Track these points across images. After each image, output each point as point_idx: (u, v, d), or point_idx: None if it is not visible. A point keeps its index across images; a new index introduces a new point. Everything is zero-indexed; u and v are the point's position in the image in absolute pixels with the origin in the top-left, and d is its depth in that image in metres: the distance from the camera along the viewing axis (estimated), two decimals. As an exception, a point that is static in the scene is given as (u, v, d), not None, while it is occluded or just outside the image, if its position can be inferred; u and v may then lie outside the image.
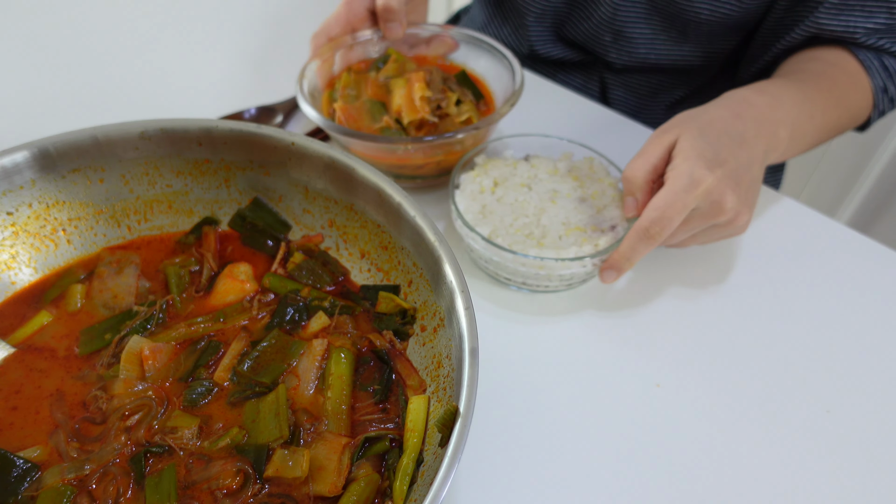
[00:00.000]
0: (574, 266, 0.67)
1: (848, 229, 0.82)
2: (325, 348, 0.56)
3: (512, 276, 0.71)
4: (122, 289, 0.61)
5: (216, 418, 0.52)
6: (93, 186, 0.62)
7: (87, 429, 0.51)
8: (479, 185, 0.74)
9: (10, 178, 0.58)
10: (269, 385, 0.54)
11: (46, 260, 0.62)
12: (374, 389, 0.55)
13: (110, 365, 0.55)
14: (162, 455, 0.50)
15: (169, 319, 0.59)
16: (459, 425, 0.43)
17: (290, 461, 0.48)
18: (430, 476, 0.43)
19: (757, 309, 0.72)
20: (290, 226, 0.66)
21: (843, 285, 0.75)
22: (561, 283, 0.71)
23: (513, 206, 0.73)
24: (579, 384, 0.65)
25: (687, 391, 0.65)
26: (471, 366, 0.45)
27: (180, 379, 0.55)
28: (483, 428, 0.61)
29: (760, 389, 0.65)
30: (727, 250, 0.79)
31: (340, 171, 0.60)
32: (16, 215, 0.59)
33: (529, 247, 0.68)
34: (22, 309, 0.59)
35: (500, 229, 0.70)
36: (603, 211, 0.72)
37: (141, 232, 0.65)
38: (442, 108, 0.81)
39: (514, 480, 0.57)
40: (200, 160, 0.63)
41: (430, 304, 0.55)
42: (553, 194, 0.74)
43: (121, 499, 0.48)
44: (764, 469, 0.59)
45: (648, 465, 0.59)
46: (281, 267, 0.63)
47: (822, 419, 0.63)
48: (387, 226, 0.59)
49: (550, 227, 0.71)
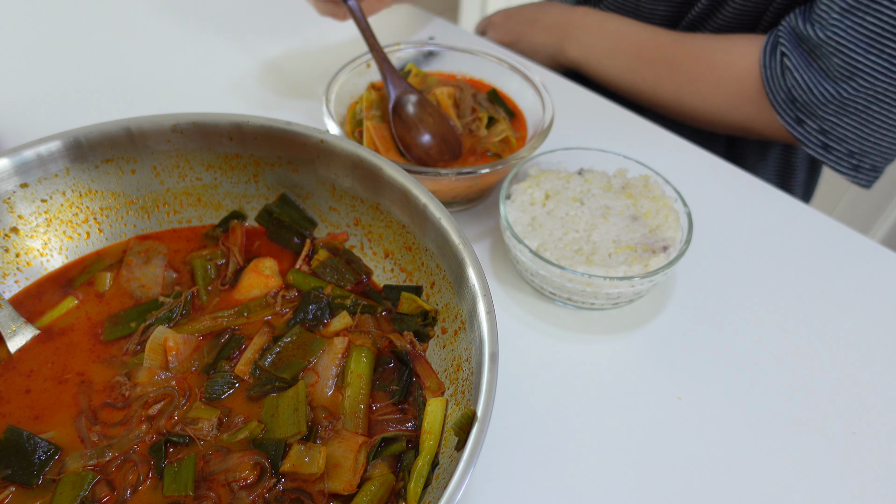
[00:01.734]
0: (622, 286, 0.65)
1: (881, 247, 0.80)
2: (345, 347, 0.56)
3: (557, 291, 0.70)
4: (149, 278, 0.62)
5: (236, 411, 0.53)
6: (125, 177, 0.63)
7: (109, 414, 0.52)
8: (531, 197, 0.73)
9: (45, 165, 0.59)
10: (289, 381, 0.54)
11: (77, 248, 0.63)
12: (392, 390, 0.55)
13: (135, 353, 0.56)
14: (182, 445, 0.50)
15: (193, 311, 0.60)
16: (476, 429, 0.42)
17: (306, 457, 0.48)
18: (444, 479, 0.43)
19: (783, 325, 0.71)
20: (316, 223, 0.66)
21: (873, 304, 0.74)
22: (607, 302, 0.70)
23: (563, 220, 0.71)
24: (600, 394, 0.64)
25: (709, 405, 0.64)
26: (490, 370, 0.45)
27: (202, 371, 0.55)
28: (501, 433, 0.60)
29: (784, 406, 0.64)
30: (755, 264, 0.77)
31: (368, 171, 0.60)
32: (49, 202, 0.61)
33: (578, 263, 0.67)
34: (51, 294, 0.60)
35: (549, 243, 0.69)
36: (656, 231, 0.71)
37: (170, 224, 0.66)
38: (473, 130, 0.80)
39: (529, 488, 0.57)
40: (230, 154, 0.64)
41: (452, 306, 0.55)
42: (605, 210, 0.72)
43: (140, 486, 0.48)
44: (785, 485, 0.58)
45: (667, 478, 0.58)
46: (305, 264, 0.63)
47: (848, 440, 0.62)
48: (412, 226, 0.59)
49: (601, 244, 0.69)
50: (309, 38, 1.10)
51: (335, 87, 0.80)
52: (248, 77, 1.00)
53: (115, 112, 0.65)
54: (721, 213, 0.83)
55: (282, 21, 1.13)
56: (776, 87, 0.85)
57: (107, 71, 1.00)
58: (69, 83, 0.97)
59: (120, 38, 1.07)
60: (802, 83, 0.82)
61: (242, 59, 1.04)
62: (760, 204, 0.85)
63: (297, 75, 1.01)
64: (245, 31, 1.10)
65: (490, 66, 0.88)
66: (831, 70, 0.80)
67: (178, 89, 0.98)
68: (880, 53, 0.76)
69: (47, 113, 0.92)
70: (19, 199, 0.59)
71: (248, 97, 0.96)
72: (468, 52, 0.89)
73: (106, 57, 1.02)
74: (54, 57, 1.02)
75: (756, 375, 0.66)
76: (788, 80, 0.84)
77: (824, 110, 0.82)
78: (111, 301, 0.60)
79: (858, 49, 0.77)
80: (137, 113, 0.62)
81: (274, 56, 1.05)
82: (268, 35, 1.09)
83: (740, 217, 0.83)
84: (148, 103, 0.95)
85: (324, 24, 1.10)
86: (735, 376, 0.66)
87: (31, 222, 0.60)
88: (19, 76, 0.98)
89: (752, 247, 0.79)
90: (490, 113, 0.82)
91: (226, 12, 1.14)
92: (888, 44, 0.76)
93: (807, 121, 0.84)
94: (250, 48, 1.06)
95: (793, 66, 0.83)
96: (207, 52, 1.05)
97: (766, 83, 0.86)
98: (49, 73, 0.99)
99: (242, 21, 1.13)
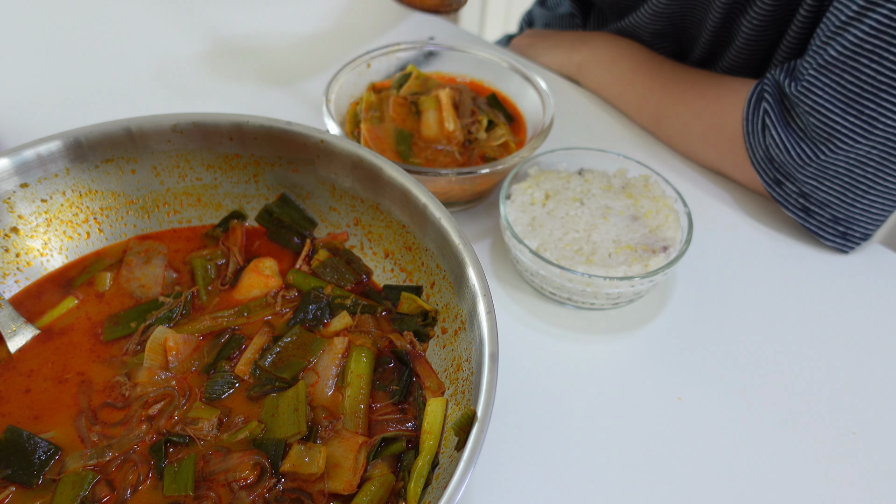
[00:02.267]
0: (622, 286, 0.65)
1: (881, 247, 0.80)
2: (345, 347, 0.56)
3: (557, 291, 0.70)
4: (149, 278, 0.62)
5: (236, 411, 0.53)
6: (125, 177, 0.63)
7: (109, 414, 0.52)
8: (531, 197, 0.73)
9: (45, 165, 0.59)
10: (289, 381, 0.54)
11: (77, 248, 0.63)
12: (392, 390, 0.55)
13: (135, 353, 0.56)
14: (182, 445, 0.50)
15: (194, 311, 0.60)
16: (476, 429, 0.42)
17: (306, 457, 0.48)
18: (444, 479, 0.43)
19: (783, 324, 0.71)
20: (316, 223, 0.66)
21: (873, 304, 0.74)
22: (607, 302, 0.70)
23: (563, 220, 0.71)
24: (600, 394, 0.64)
25: (709, 405, 0.64)
26: (490, 370, 0.45)
27: (202, 371, 0.55)
28: (501, 433, 0.60)
29: (784, 406, 0.64)
30: (756, 264, 0.77)
31: (368, 171, 0.60)
32: (49, 202, 0.60)
33: (578, 263, 0.67)
34: (51, 294, 0.60)
35: (549, 243, 0.69)
36: (656, 231, 0.71)
37: (170, 223, 0.66)
38: (472, 132, 0.80)
39: (529, 488, 0.57)
40: (230, 154, 0.64)
41: (452, 306, 0.55)
42: (605, 210, 0.72)
43: (140, 486, 0.48)
44: (785, 485, 0.58)
45: (667, 478, 0.58)
46: (305, 264, 0.63)
47: (848, 441, 0.62)
48: (412, 226, 0.59)
49: (601, 244, 0.69)
50: (309, 37, 1.10)
51: (335, 87, 0.80)
52: (249, 77, 1.00)
53: (115, 112, 0.65)
54: (721, 213, 0.83)
55: (282, 21, 1.13)
56: (756, 144, 0.79)
57: (107, 71, 1.00)
58: (69, 83, 0.97)
59: (120, 38, 1.07)
60: (780, 142, 0.76)
61: (243, 58, 1.04)
62: (761, 204, 0.85)
63: (297, 75, 1.01)
64: (245, 31, 1.10)
65: (490, 66, 0.88)
66: (808, 130, 0.74)
67: (178, 89, 0.98)
68: (859, 115, 0.69)
69: (47, 113, 0.92)
70: (19, 199, 0.59)
71: (249, 97, 0.96)
72: (468, 52, 0.89)
73: (106, 57, 1.02)
74: (54, 57, 1.02)
75: (756, 375, 0.66)
76: (767, 138, 0.77)
77: (802, 172, 0.75)
78: (111, 301, 0.60)
79: (836, 109, 0.70)
80: (137, 113, 0.62)
81: (274, 55, 1.05)
82: (268, 34, 1.09)
83: (740, 217, 0.83)
84: (148, 103, 0.95)
85: (324, 24, 1.10)
86: (735, 376, 0.66)
87: (31, 222, 0.60)
88: (19, 76, 0.98)
89: (752, 247, 0.79)
90: (489, 116, 0.82)
91: (226, 12, 1.14)
92: (867, 104, 0.68)
93: (785, 182, 0.78)
94: (251, 47, 1.06)
95: (771, 124, 0.77)
96: (207, 51, 1.05)
97: (746, 139, 0.80)
98: (49, 73, 0.99)
99: (243, 20, 1.13)
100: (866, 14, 0.66)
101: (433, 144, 0.79)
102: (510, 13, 2.41)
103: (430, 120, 0.80)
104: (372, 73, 0.86)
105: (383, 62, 0.87)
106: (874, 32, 0.66)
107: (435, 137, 0.79)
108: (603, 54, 0.99)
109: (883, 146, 0.70)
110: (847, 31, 0.68)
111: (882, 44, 0.65)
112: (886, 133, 0.69)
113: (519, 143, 0.81)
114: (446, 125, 0.79)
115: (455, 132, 0.79)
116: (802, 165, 0.75)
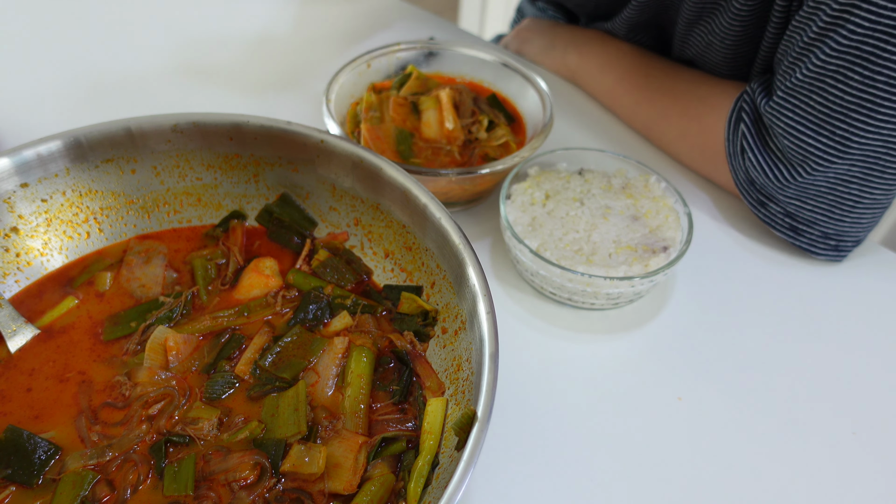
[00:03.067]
0: (622, 286, 0.65)
1: (881, 247, 0.80)
2: (345, 346, 0.56)
3: (557, 291, 0.70)
4: (149, 278, 0.62)
5: (236, 411, 0.53)
6: (125, 177, 0.63)
7: (109, 413, 0.52)
8: (531, 197, 0.73)
9: (45, 165, 0.59)
10: (289, 381, 0.54)
11: (77, 247, 0.63)
12: (392, 390, 0.55)
13: (135, 353, 0.56)
14: (182, 445, 0.50)
15: (194, 311, 0.60)
16: (476, 429, 0.42)
17: (306, 457, 0.48)
18: (444, 479, 0.43)
19: (783, 324, 0.71)
20: (317, 223, 0.66)
21: (873, 304, 0.74)
22: (607, 302, 0.70)
23: (563, 220, 0.71)
24: (600, 394, 0.64)
25: (709, 405, 0.64)
26: (490, 370, 0.45)
27: (202, 370, 0.55)
28: (501, 433, 0.60)
29: (784, 406, 0.64)
30: (756, 264, 0.77)
31: (368, 170, 0.60)
32: (50, 202, 0.61)
33: (578, 263, 0.67)
34: (51, 293, 0.60)
35: (549, 243, 0.69)
36: (656, 231, 0.71)
37: (170, 223, 0.66)
38: (472, 132, 0.80)
39: (529, 488, 0.57)
40: (230, 154, 0.64)
41: (452, 306, 0.55)
42: (605, 211, 0.72)
43: (140, 486, 0.48)
44: (785, 485, 0.58)
45: (667, 478, 0.58)
46: (305, 264, 0.63)
47: (848, 440, 0.62)
48: (412, 226, 0.59)
49: (601, 245, 0.69)
50: (309, 37, 1.10)
51: (335, 87, 0.80)
52: (249, 77, 1.00)
53: (115, 112, 0.65)
54: (721, 213, 0.83)
55: (282, 21, 1.13)
56: (737, 166, 0.78)
57: (107, 71, 1.00)
58: (69, 83, 0.97)
59: (120, 38, 1.07)
60: (758, 165, 0.75)
61: (243, 58, 1.04)
62: (760, 204, 0.84)
63: (297, 74, 1.01)
64: (245, 31, 1.10)
65: (490, 66, 0.88)
66: (785, 151, 0.73)
67: (178, 89, 0.98)
68: (831, 136, 0.68)
69: (47, 113, 0.92)
70: (19, 199, 0.59)
71: (249, 96, 0.96)
72: (468, 52, 0.89)
73: (106, 56, 1.02)
74: (54, 57, 1.02)
75: (756, 375, 0.67)
76: (747, 161, 0.76)
77: (783, 194, 0.74)
78: (111, 301, 0.60)
79: (807, 132, 0.69)
80: (137, 113, 0.62)
81: (274, 55, 1.05)
82: (268, 34, 1.09)
83: (741, 217, 0.83)
84: (148, 103, 0.95)
85: (324, 24, 1.10)
86: (735, 376, 0.66)
87: (31, 222, 0.60)
88: (19, 76, 0.98)
89: (752, 247, 0.79)
90: (490, 116, 0.82)
91: (226, 12, 1.14)
92: (838, 125, 0.67)
93: (769, 203, 0.76)
94: (251, 47, 1.06)
95: (749, 147, 0.76)
96: (207, 51, 1.05)
97: (729, 160, 0.79)
98: (49, 73, 0.99)
99: (243, 20, 1.13)
100: (827, 35, 0.65)
101: (433, 144, 0.79)
102: (510, 13, 2.41)
103: (430, 120, 0.80)
104: (372, 73, 0.86)
105: (383, 62, 0.87)
106: (835, 54, 0.65)
107: (435, 137, 0.79)
108: (593, 62, 0.99)
109: (863, 163, 0.69)
110: (811, 53, 0.67)
111: (846, 64, 0.65)
112: (863, 151, 0.68)
113: (519, 144, 0.81)
114: (446, 125, 0.79)
115: (455, 132, 0.79)
116: (782, 187, 0.74)
